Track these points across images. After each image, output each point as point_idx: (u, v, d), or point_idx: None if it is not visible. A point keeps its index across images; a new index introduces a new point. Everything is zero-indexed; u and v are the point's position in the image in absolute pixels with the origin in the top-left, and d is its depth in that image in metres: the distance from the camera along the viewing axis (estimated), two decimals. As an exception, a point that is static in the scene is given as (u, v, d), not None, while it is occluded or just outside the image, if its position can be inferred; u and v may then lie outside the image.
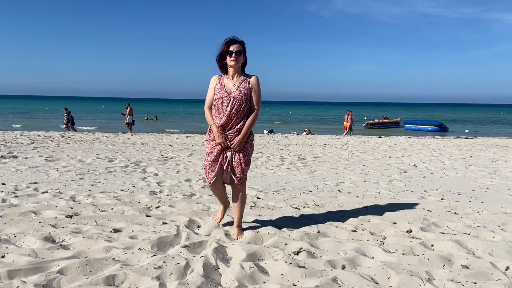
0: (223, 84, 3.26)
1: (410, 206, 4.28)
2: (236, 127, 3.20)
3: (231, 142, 3.20)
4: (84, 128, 24.71)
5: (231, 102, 3.18)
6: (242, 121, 3.22)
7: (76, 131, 18.09)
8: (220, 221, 3.55)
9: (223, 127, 3.21)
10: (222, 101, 3.20)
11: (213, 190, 3.38)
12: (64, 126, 18.95)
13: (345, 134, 19.11)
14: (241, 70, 3.31)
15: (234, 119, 3.19)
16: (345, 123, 20.16)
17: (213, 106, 3.27)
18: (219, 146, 3.20)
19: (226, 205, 3.56)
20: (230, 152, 3.22)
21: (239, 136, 3.19)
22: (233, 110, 3.18)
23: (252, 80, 3.27)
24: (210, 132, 3.30)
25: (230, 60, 3.18)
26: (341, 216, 3.83)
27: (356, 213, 3.97)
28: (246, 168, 3.27)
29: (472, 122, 44.57)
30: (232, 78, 3.27)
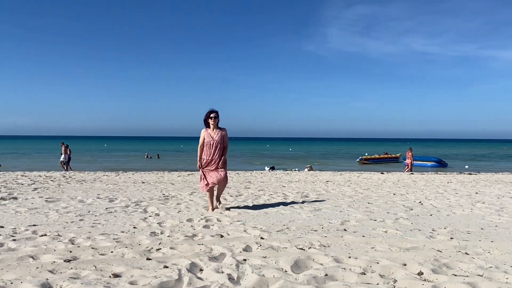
0: (209, 134, 6.13)
1: (419, 246, 4.15)
2: (217, 158, 6.14)
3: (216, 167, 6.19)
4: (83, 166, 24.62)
5: (214, 144, 6.10)
6: (219, 154, 6.14)
7: None
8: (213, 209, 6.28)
9: (211, 158, 6.14)
10: (210, 143, 6.10)
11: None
12: None
13: (406, 171, 19.12)
14: (217, 126, 6.20)
15: (215, 153, 6.12)
16: (407, 160, 20.34)
17: (204, 146, 6.17)
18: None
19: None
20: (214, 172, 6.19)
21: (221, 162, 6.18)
22: (216, 149, 6.12)
23: (224, 131, 6.20)
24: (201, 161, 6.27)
25: (211, 122, 6.12)
26: (348, 257, 3.70)
27: (364, 254, 3.84)
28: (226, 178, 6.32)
29: (472, 158, 44.53)
30: (213, 130, 6.17)
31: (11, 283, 2.92)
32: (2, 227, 4.90)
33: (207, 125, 6.19)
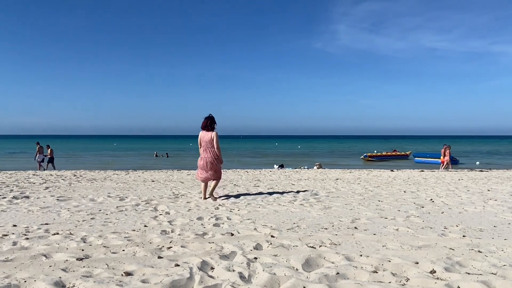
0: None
1: (431, 244, 4.11)
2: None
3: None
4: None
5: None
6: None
7: None
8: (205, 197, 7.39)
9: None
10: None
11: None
12: None
13: (443, 169, 18.92)
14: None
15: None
16: (441, 157, 20.04)
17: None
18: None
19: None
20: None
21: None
22: None
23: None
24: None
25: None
26: (359, 255, 3.68)
27: (375, 252, 3.82)
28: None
29: (483, 154, 43.98)
30: None
31: (25, 281, 2.95)
32: (15, 226, 4.96)
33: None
